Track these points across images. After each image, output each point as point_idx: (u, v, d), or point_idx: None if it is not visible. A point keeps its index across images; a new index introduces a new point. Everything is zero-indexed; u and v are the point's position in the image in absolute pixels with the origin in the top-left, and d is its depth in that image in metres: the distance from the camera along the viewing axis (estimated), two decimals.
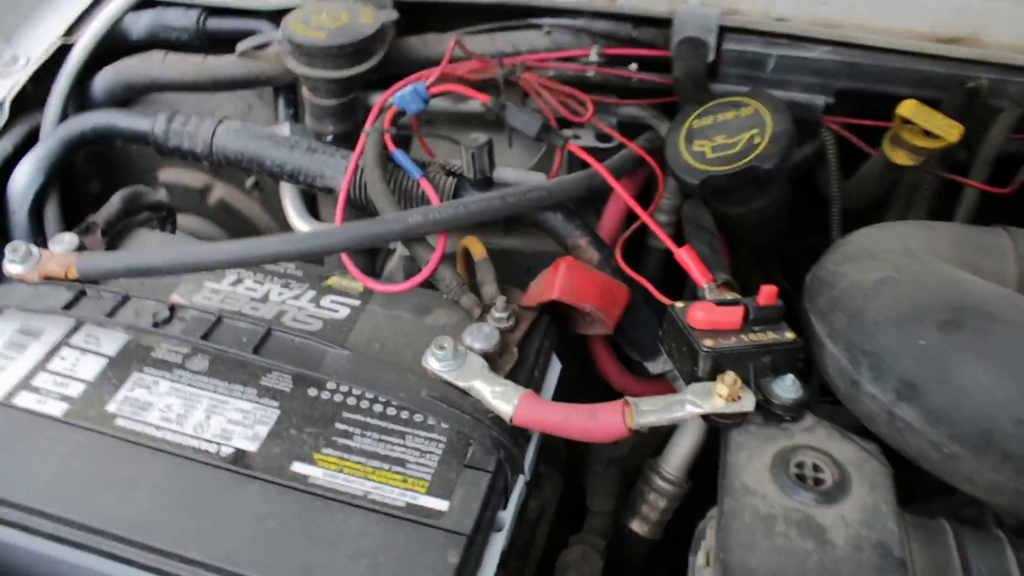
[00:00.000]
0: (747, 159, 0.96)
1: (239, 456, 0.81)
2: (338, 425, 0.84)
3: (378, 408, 0.86)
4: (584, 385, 1.25)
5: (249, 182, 1.32)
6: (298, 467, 0.81)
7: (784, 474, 0.76)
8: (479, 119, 1.22)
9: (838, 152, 1.20)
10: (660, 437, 1.11)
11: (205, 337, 0.88)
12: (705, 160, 0.99)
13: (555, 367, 0.96)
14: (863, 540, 0.72)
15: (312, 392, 0.87)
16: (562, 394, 0.94)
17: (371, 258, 1.27)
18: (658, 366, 1.01)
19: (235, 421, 0.85)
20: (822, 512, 0.73)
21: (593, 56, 1.15)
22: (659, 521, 1.08)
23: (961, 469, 0.73)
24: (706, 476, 1.06)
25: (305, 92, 1.16)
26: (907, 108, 0.98)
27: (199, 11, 1.29)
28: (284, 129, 1.23)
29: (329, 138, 1.17)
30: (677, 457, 1.06)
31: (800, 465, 0.77)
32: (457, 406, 0.83)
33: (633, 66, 1.17)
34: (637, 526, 1.07)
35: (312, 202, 1.27)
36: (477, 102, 1.19)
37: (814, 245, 1.49)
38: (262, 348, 0.88)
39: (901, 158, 1.05)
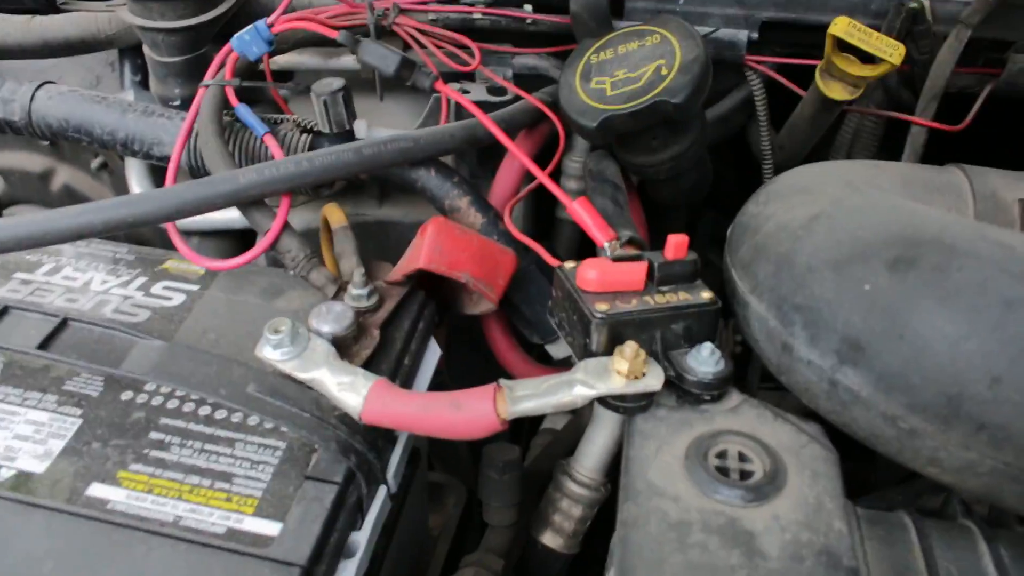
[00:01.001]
0: (652, 93, 0.80)
1: (21, 480, 0.64)
2: (153, 435, 0.67)
3: (204, 412, 0.69)
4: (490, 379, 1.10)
5: (95, 163, 1.14)
6: (96, 489, 0.63)
7: (701, 468, 0.60)
8: (355, 77, 1.06)
9: (767, 100, 1.06)
10: (574, 436, 0.95)
11: None
12: (605, 99, 0.83)
13: (432, 353, 0.79)
14: (803, 547, 0.56)
15: (126, 396, 0.70)
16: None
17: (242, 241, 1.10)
18: (561, 349, 0.85)
19: (23, 436, 0.67)
20: (750, 513, 0.58)
21: None
22: (575, 532, 0.91)
23: (924, 447, 0.57)
24: None
25: (146, 49, 0.99)
26: (840, 26, 0.84)
27: None
28: (128, 96, 1.06)
29: (176, 103, 1.00)
30: (592, 456, 0.89)
31: (722, 455, 0.61)
32: (295, 403, 0.66)
33: (527, 7, 1.02)
34: (549, 539, 0.90)
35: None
36: (350, 58, 1.03)
37: None
38: (52, 343, 0.71)
39: (836, 91, 0.90)
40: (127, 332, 0.71)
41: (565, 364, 0.89)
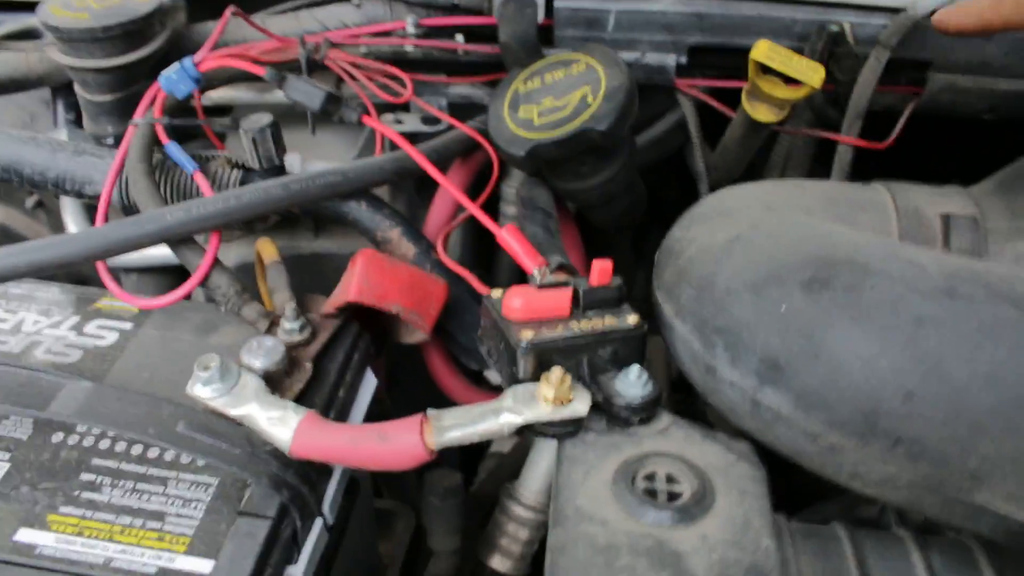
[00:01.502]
0: (578, 121, 0.81)
1: None
2: (84, 476, 0.67)
3: (137, 451, 0.68)
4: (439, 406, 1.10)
5: (30, 201, 1.13)
6: (24, 534, 0.62)
7: (628, 491, 0.60)
8: (291, 110, 1.06)
9: (699, 122, 1.07)
10: (520, 459, 0.95)
11: None
12: (532, 127, 0.84)
13: (368, 384, 0.79)
14: (731, 565, 0.57)
15: (56, 438, 0.69)
16: None
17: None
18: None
19: None
20: (679, 534, 0.58)
21: (410, 28, 1.00)
22: (523, 555, 0.91)
23: (844, 462, 0.59)
24: None
25: (77, 88, 0.99)
26: (761, 50, 0.85)
27: None
28: (61, 135, 1.05)
29: (109, 141, 1.00)
30: (536, 479, 0.89)
31: (650, 477, 0.62)
32: (225, 439, 0.66)
33: (459, 37, 1.03)
34: (498, 563, 0.90)
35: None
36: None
37: None
38: None
39: (762, 113, 0.92)
40: (53, 374, 0.70)
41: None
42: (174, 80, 0.84)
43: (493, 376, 0.86)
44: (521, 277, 1.13)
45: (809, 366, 0.58)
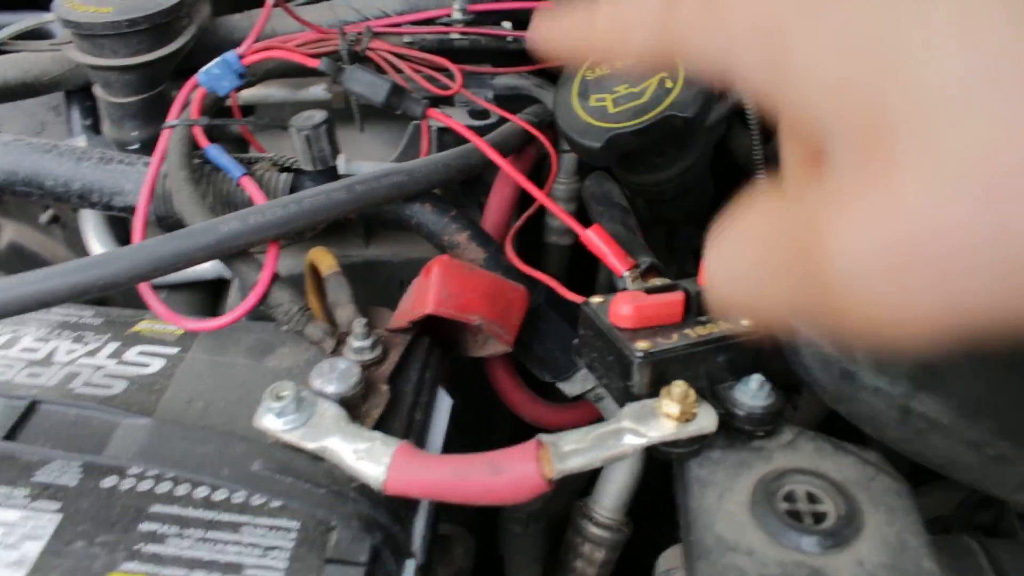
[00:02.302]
0: (660, 108, 0.75)
1: None
2: (144, 526, 0.59)
3: (201, 493, 0.61)
4: (491, 423, 1.03)
5: (44, 216, 1.05)
6: None
7: (771, 514, 0.54)
8: (328, 109, 0.99)
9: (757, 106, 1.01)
10: (589, 472, 0.89)
11: None
12: (607, 117, 0.77)
13: (444, 404, 0.73)
14: None
15: (108, 482, 0.62)
16: (466, 439, 0.72)
17: (214, 293, 1.02)
18: (575, 385, 0.79)
19: None
20: (833, 561, 0.52)
21: (456, 14, 0.93)
22: None
23: (1014, 474, 0.52)
24: (651, 506, 0.85)
25: (98, 90, 0.91)
26: None
27: None
28: (79, 143, 0.97)
29: (135, 147, 0.92)
30: (611, 495, 0.84)
31: (790, 497, 0.56)
32: (307, 478, 0.59)
33: (506, 24, 0.96)
34: None
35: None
36: (320, 87, 0.96)
37: None
38: (21, 430, 0.62)
39: None
40: (107, 412, 0.63)
41: (580, 400, 0.82)
42: (216, 76, 0.77)
43: (569, 388, 0.80)
44: (572, 277, 1.07)
45: (974, 368, 0.51)
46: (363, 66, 0.77)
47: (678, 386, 0.56)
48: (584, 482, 0.96)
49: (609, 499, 0.85)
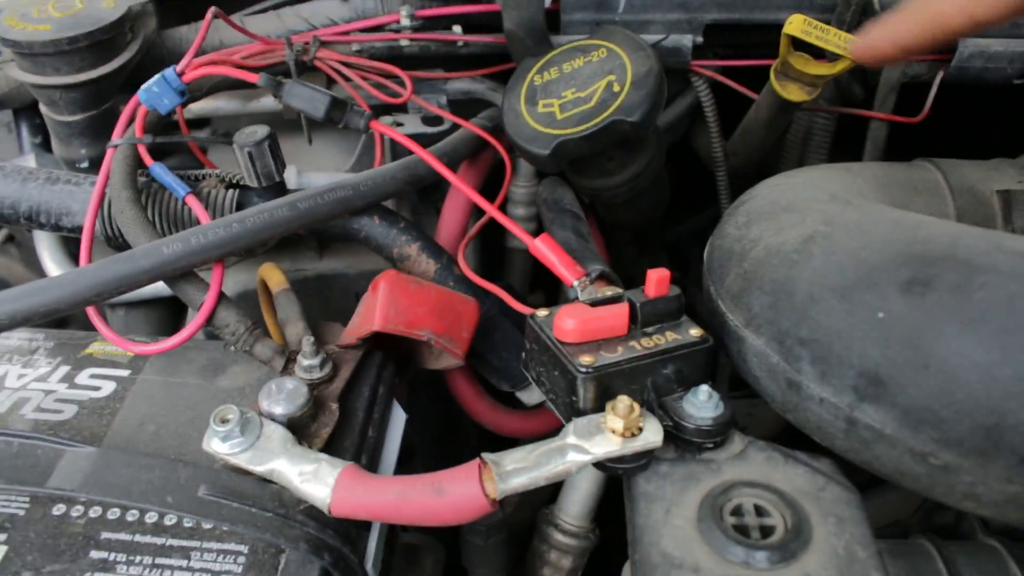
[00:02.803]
0: (607, 113, 0.74)
1: None
2: (95, 554, 0.58)
3: (152, 519, 0.60)
4: (462, 430, 1.02)
5: (0, 236, 1.04)
6: None
7: (718, 529, 0.54)
8: (278, 119, 0.98)
9: (715, 104, 1.01)
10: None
11: None
12: (555, 123, 0.76)
13: (398, 420, 0.72)
14: None
15: (58, 510, 0.61)
16: (429, 452, 0.71)
17: (175, 310, 1.01)
18: (533, 395, 0.79)
19: None
20: None
21: (404, 20, 0.92)
22: None
23: (959, 483, 0.52)
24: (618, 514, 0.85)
25: (44, 108, 0.90)
26: (796, 24, 0.78)
27: None
28: (29, 162, 0.96)
29: (84, 164, 0.91)
30: (576, 502, 0.83)
31: (737, 511, 0.55)
32: (255, 501, 0.58)
33: (456, 28, 0.95)
34: None
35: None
36: (271, 99, 0.95)
37: (700, 226, 1.31)
38: None
39: (794, 93, 0.85)
40: (51, 441, 0.62)
41: (541, 408, 0.82)
42: (156, 94, 0.75)
43: (527, 397, 0.79)
44: (536, 280, 1.07)
45: (917, 378, 0.51)
46: (302, 81, 0.76)
47: (622, 401, 0.56)
48: (550, 490, 0.95)
49: (575, 506, 0.85)
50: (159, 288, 0.91)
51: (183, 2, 0.99)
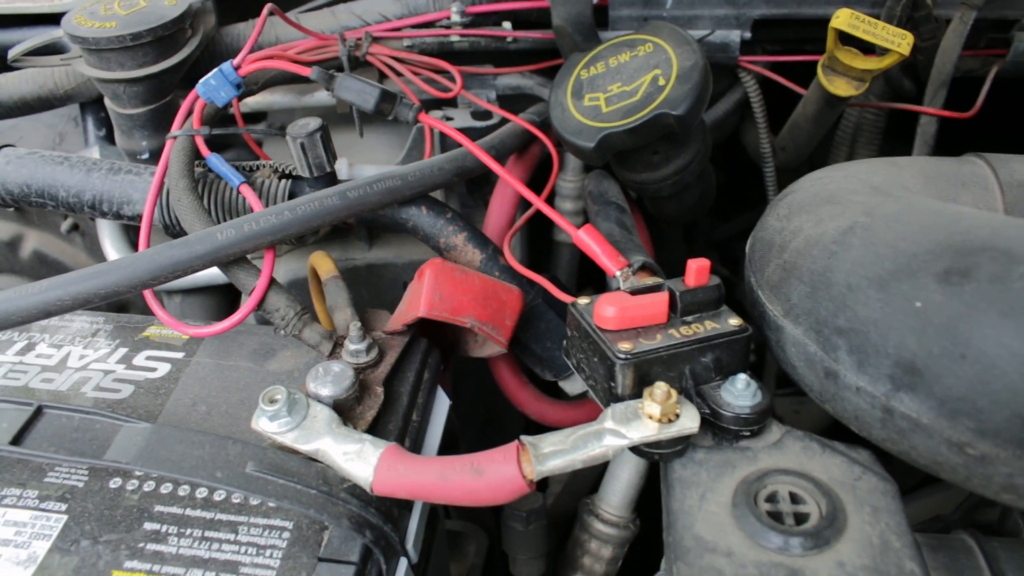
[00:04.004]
0: (651, 106, 0.75)
1: None
2: (148, 525, 0.61)
3: (202, 494, 0.63)
4: (504, 418, 1.04)
5: (65, 225, 1.08)
6: None
7: (752, 515, 0.54)
8: (331, 112, 1.00)
9: (763, 100, 1.01)
10: (594, 469, 0.89)
11: None
12: (601, 116, 0.77)
13: (442, 405, 0.74)
14: None
15: (114, 483, 0.64)
16: (475, 440, 0.73)
17: (229, 302, 1.04)
18: (576, 384, 0.79)
19: (3, 541, 0.61)
20: (812, 563, 0.52)
21: (455, 16, 0.94)
22: (607, 574, 0.86)
23: (996, 474, 0.52)
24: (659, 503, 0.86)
25: (108, 102, 0.93)
26: (842, 19, 0.78)
27: None
28: (93, 154, 1.00)
29: (145, 156, 0.94)
30: (617, 492, 0.84)
31: (772, 498, 0.56)
32: (300, 479, 0.60)
33: (506, 24, 0.96)
34: None
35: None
36: (324, 93, 0.98)
37: (749, 224, 1.31)
38: (27, 436, 0.64)
39: (841, 87, 0.85)
40: (109, 416, 0.65)
41: (583, 398, 0.83)
42: (213, 87, 0.78)
43: (570, 387, 0.80)
44: (583, 273, 1.08)
45: (954, 368, 0.51)
46: (352, 74, 0.78)
47: (660, 387, 0.57)
48: (591, 480, 0.96)
49: (616, 496, 0.85)
50: (213, 275, 0.94)
51: (242, 0, 1.02)
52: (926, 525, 0.69)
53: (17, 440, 0.64)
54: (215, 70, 0.79)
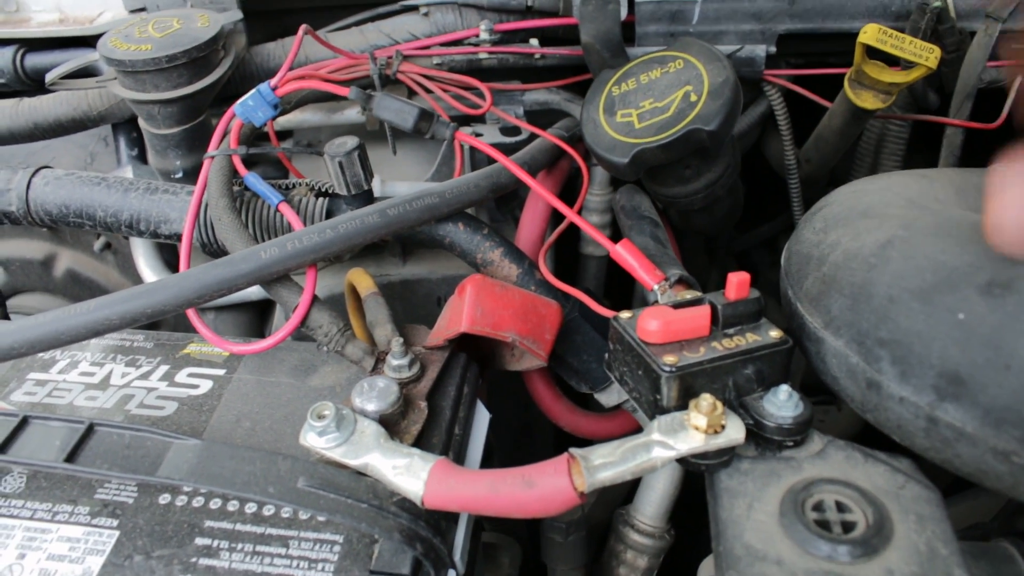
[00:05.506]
0: (684, 122, 0.76)
1: None
2: (199, 540, 0.62)
3: (251, 509, 0.64)
4: (535, 431, 1.05)
5: (98, 244, 1.09)
6: None
7: (800, 523, 0.55)
8: (362, 131, 1.02)
9: (788, 112, 1.02)
10: (630, 480, 0.90)
11: (3, 448, 0.65)
12: (633, 132, 0.79)
13: (482, 419, 0.74)
14: None
15: (163, 499, 0.65)
16: (507, 453, 0.74)
17: (260, 313, 1.05)
18: (612, 396, 0.80)
19: (58, 556, 0.62)
20: (861, 570, 0.53)
21: (483, 34, 0.95)
22: None
23: None
24: (695, 513, 0.87)
25: (142, 122, 0.95)
26: (871, 33, 0.79)
27: (15, 47, 1.07)
28: (126, 173, 1.01)
29: (178, 175, 0.96)
30: (652, 503, 0.85)
31: (819, 507, 0.56)
32: (350, 493, 0.61)
33: (533, 41, 0.98)
34: None
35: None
36: (354, 111, 0.99)
37: (768, 234, 1.32)
38: (79, 453, 0.65)
39: (868, 101, 0.86)
40: (159, 434, 0.66)
41: (617, 410, 0.84)
42: (251, 107, 0.79)
43: (605, 399, 0.81)
44: (610, 285, 1.09)
45: (998, 378, 0.52)
46: (391, 94, 0.79)
47: (706, 399, 0.57)
48: (626, 491, 0.97)
49: (651, 507, 0.86)
50: (247, 292, 0.95)
51: (270, 21, 1.04)
52: (964, 533, 0.69)
53: (71, 457, 0.65)
54: (253, 91, 0.80)
